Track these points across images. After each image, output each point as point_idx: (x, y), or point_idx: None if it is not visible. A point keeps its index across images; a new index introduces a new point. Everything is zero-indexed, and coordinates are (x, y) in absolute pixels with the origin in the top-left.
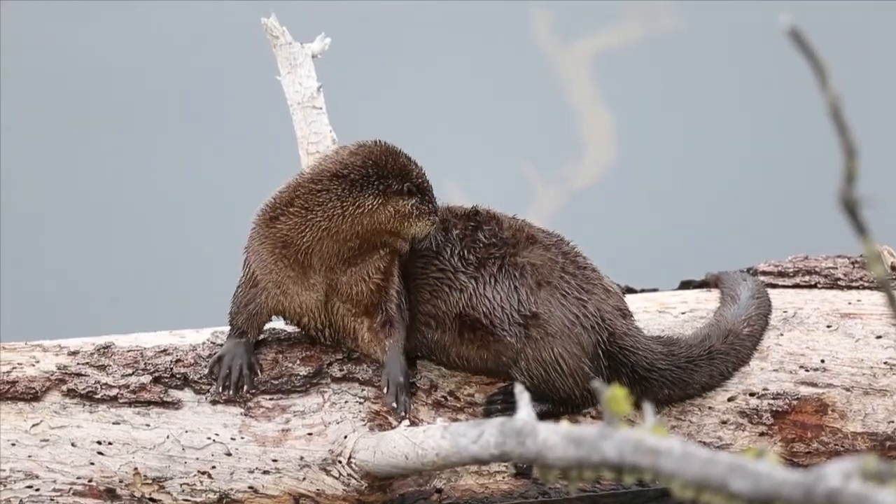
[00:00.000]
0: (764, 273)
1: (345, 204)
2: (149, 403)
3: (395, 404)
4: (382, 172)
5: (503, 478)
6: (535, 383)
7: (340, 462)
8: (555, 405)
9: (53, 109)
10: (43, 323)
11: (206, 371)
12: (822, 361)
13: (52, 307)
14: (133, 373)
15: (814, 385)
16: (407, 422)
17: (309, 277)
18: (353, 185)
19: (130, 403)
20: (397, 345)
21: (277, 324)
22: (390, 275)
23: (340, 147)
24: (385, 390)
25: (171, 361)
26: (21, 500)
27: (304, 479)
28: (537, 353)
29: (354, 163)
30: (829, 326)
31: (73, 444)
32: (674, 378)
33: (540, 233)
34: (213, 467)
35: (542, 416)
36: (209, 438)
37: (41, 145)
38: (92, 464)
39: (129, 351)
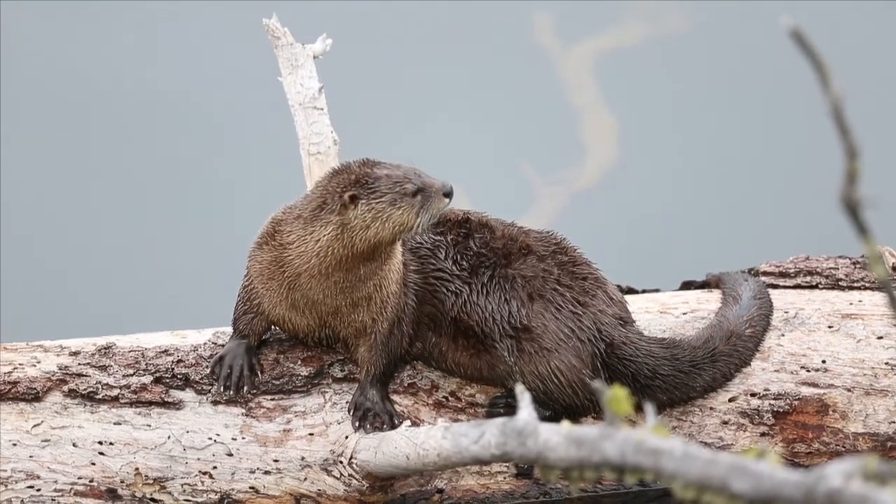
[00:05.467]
0: (765, 273)
1: (306, 240)
2: (150, 404)
3: (357, 424)
4: (324, 200)
5: (504, 478)
6: (534, 395)
7: (342, 462)
8: (557, 413)
9: (55, 110)
10: (44, 323)
11: (207, 371)
12: (824, 362)
13: (54, 307)
14: (134, 373)
15: (815, 385)
16: (408, 422)
17: (298, 308)
18: (306, 221)
19: (132, 404)
20: (376, 372)
21: None
22: (387, 304)
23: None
24: (350, 412)
25: (173, 362)
26: (22, 500)
27: (305, 479)
28: (533, 368)
29: (306, 201)
30: (830, 327)
31: (74, 445)
32: (677, 383)
33: (537, 242)
34: (215, 467)
35: (546, 421)
36: (210, 439)
37: (43, 146)
38: (93, 464)
39: (130, 351)
